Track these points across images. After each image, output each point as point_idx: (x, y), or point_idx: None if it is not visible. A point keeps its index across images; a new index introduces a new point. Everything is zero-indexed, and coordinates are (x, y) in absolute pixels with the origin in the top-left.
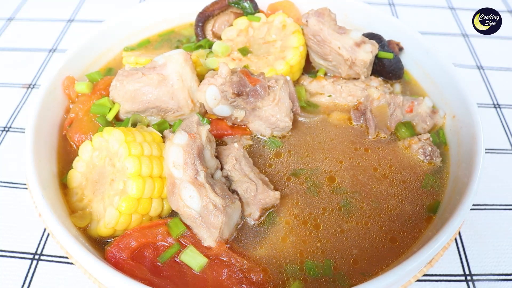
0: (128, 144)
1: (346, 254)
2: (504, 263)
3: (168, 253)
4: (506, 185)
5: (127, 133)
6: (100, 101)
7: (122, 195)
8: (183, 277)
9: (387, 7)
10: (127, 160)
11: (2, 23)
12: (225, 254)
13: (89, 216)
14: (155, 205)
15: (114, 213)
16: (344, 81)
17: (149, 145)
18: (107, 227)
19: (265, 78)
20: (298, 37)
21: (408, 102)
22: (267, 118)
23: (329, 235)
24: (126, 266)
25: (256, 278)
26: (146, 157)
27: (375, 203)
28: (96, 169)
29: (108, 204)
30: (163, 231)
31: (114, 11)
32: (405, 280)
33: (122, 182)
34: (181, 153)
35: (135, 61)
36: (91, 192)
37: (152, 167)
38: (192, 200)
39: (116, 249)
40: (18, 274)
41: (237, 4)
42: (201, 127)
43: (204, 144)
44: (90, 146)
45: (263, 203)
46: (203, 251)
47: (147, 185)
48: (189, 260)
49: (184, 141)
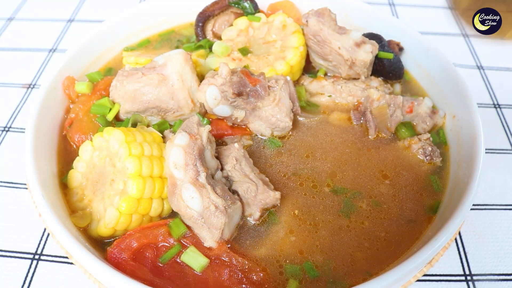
0: (129, 144)
1: (346, 254)
2: (504, 263)
3: (169, 253)
4: (506, 185)
5: (128, 133)
6: (100, 101)
7: (122, 195)
8: (185, 278)
9: (387, 7)
10: (128, 160)
11: (2, 23)
12: (226, 255)
13: (89, 216)
14: (155, 205)
15: (114, 213)
16: (344, 81)
17: (149, 145)
18: (107, 227)
19: (265, 78)
20: (298, 37)
21: (408, 102)
22: (267, 118)
23: (329, 235)
24: (127, 267)
25: (256, 278)
26: (146, 157)
27: (375, 203)
28: (96, 169)
29: (108, 204)
30: (164, 232)
31: (114, 11)
32: (405, 280)
33: (122, 182)
34: (182, 154)
35: (135, 61)
36: (91, 192)
37: (152, 167)
38: (193, 201)
39: (117, 249)
40: (18, 274)
41: (237, 4)
42: (202, 128)
43: (205, 145)
44: (90, 146)
45: (264, 204)
46: (204, 251)
47: (148, 185)
48: (190, 261)
49: (185, 142)
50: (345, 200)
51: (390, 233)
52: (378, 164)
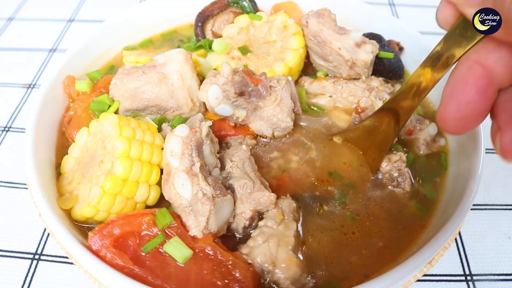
0: (121, 127)
1: (346, 254)
2: (504, 263)
3: (152, 243)
4: (506, 185)
5: (122, 118)
6: (99, 98)
7: (108, 175)
8: (166, 269)
9: (387, 7)
10: (118, 140)
11: (2, 23)
12: (211, 248)
13: (75, 198)
14: (141, 190)
15: (98, 191)
16: (344, 81)
17: (142, 132)
18: (90, 205)
19: (267, 78)
20: (299, 39)
21: (411, 124)
22: (268, 118)
23: (328, 235)
24: (108, 253)
25: (240, 274)
26: (137, 141)
27: (375, 203)
28: (88, 153)
29: (94, 184)
30: (148, 221)
31: (114, 11)
32: (405, 280)
33: (110, 162)
34: (180, 144)
35: (135, 60)
36: (80, 175)
37: (142, 151)
38: (183, 188)
39: (99, 235)
40: (18, 274)
41: (236, 3)
42: (203, 123)
43: (204, 139)
44: (86, 132)
45: (257, 203)
46: (189, 243)
47: (135, 168)
48: (174, 251)
49: (184, 133)
50: (345, 200)
51: (390, 233)
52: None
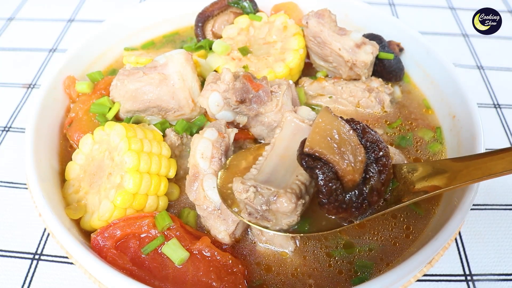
0: (129, 139)
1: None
2: (504, 263)
3: (151, 244)
4: (506, 185)
5: (129, 128)
6: (99, 101)
7: (118, 189)
8: (164, 270)
9: (387, 7)
10: (126, 155)
11: (2, 23)
12: (209, 249)
13: (84, 208)
14: (150, 201)
15: (109, 206)
16: (344, 82)
17: (149, 142)
18: (101, 219)
19: (267, 83)
20: (299, 40)
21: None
22: (269, 124)
23: (327, 235)
24: (108, 254)
25: (237, 275)
26: (145, 154)
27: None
28: (94, 162)
29: (104, 197)
30: (148, 223)
31: (114, 11)
32: (405, 280)
33: (119, 176)
34: (210, 147)
35: (135, 61)
36: (87, 184)
37: (150, 164)
38: (213, 192)
39: (100, 237)
40: (18, 274)
41: (237, 4)
42: (230, 129)
43: (231, 145)
44: (90, 139)
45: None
46: (186, 245)
47: (144, 181)
48: (170, 253)
49: (214, 136)
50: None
51: (390, 232)
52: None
